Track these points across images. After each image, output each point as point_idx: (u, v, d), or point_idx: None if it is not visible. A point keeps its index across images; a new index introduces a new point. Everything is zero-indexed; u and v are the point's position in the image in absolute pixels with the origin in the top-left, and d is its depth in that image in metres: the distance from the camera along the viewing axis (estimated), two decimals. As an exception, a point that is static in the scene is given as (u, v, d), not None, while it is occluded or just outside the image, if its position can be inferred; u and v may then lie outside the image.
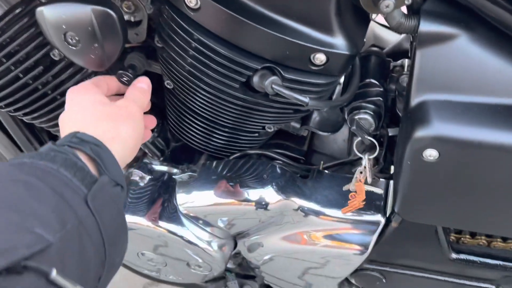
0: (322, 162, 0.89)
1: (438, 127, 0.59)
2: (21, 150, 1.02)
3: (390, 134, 0.80)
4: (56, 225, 0.43)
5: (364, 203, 0.76)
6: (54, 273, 0.39)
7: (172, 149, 0.93)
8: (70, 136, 0.54)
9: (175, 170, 0.91)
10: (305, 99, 0.62)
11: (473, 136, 0.58)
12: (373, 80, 0.75)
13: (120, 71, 0.67)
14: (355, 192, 0.77)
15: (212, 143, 0.84)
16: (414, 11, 0.61)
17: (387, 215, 0.79)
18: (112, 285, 1.62)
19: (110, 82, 0.66)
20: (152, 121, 0.72)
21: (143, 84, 0.67)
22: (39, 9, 0.60)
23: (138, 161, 0.93)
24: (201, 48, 0.63)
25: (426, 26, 0.59)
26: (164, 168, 0.92)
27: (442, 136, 0.59)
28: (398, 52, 0.89)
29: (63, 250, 0.42)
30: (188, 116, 0.79)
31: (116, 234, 0.51)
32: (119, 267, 0.54)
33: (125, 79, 0.67)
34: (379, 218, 0.78)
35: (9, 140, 1.01)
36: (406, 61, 0.79)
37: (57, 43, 0.62)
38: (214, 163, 0.85)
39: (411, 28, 0.60)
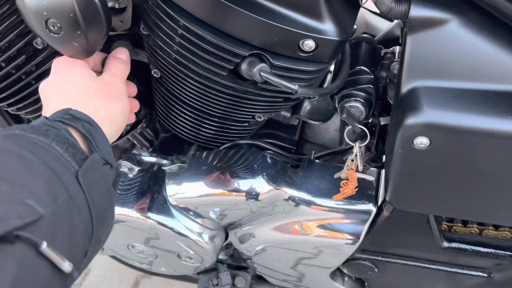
0: (313, 151, 0.88)
1: (429, 114, 0.58)
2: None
3: (382, 123, 0.79)
4: (48, 199, 0.43)
5: (356, 189, 0.76)
6: (44, 245, 0.40)
7: (161, 139, 0.92)
8: (62, 112, 0.54)
9: (164, 161, 0.90)
10: (294, 86, 0.61)
11: (464, 123, 0.57)
12: (363, 68, 0.74)
13: None
14: (347, 179, 0.76)
15: (202, 133, 0.82)
16: (405, -4, 0.60)
17: (379, 204, 0.78)
18: (105, 277, 1.62)
19: (96, 56, 0.66)
20: (136, 105, 0.72)
21: (122, 56, 0.67)
22: (19, -5, 0.58)
23: (126, 152, 0.91)
24: (188, 35, 0.61)
25: (417, 11, 0.58)
26: (153, 159, 0.90)
27: (433, 123, 0.58)
28: (390, 39, 0.87)
29: (54, 223, 0.42)
30: (177, 106, 0.78)
31: (104, 211, 0.51)
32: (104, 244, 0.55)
33: None
34: (371, 207, 0.78)
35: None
36: (397, 48, 0.78)
37: (39, 31, 0.60)
38: (204, 154, 0.84)
39: (401, 13, 0.59)
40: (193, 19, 0.61)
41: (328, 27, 0.60)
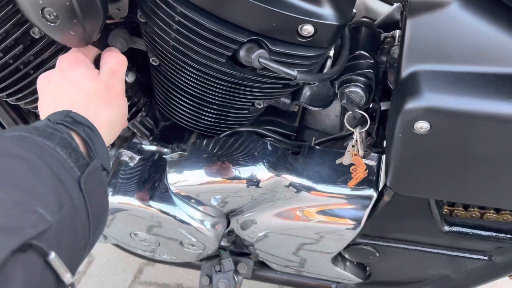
0: (314, 138, 0.88)
1: (429, 98, 0.58)
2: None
3: (382, 108, 0.79)
4: (55, 207, 0.43)
5: (366, 171, 0.76)
6: (52, 255, 0.40)
7: (162, 128, 0.92)
8: (63, 114, 0.54)
9: (165, 150, 0.90)
10: (293, 72, 0.60)
11: (465, 107, 0.57)
12: (363, 52, 0.73)
13: None
14: (354, 165, 0.77)
15: (202, 121, 0.82)
16: (404, -22, 0.59)
17: (379, 189, 0.78)
18: (108, 265, 1.63)
19: (91, 51, 0.67)
20: None
21: (118, 50, 0.67)
22: (14, -16, 0.58)
23: (127, 141, 0.91)
24: (185, 21, 0.61)
25: (417, -6, 0.58)
26: (154, 148, 0.90)
27: (433, 108, 0.58)
28: (390, 24, 0.86)
29: (59, 232, 0.42)
30: (176, 94, 0.78)
31: (101, 217, 0.52)
32: None
33: None
34: (371, 192, 0.78)
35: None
36: (398, 32, 0.77)
37: (35, 20, 0.59)
38: (205, 142, 0.84)
39: (401, -4, 0.59)
40: (190, 6, 0.60)
41: (326, 12, 0.60)
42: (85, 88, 0.59)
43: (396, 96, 0.63)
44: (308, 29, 0.60)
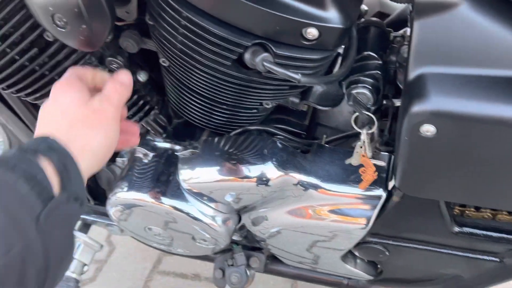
0: (324, 136, 0.88)
1: (436, 102, 0.57)
2: (31, 131, 1.04)
3: (396, 105, 0.78)
4: (2, 249, 0.41)
5: (376, 173, 0.76)
6: None
7: (174, 125, 0.93)
8: (40, 140, 0.53)
9: (177, 147, 0.91)
10: (296, 75, 0.60)
11: (472, 111, 0.56)
12: (371, 53, 0.72)
13: (110, 58, 0.67)
14: (363, 167, 0.76)
15: (212, 120, 0.83)
16: (411, -21, 0.58)
17: (389, 189, 0.78)
18: (129, 254, 1.67)
19: (96, 74, 0.64)
20: (134, 129, 0.69)
21: (124, 78, 0.63)
22: (26, -9, 0.60)
23: (141, 139, 0.93)
24: (190, 26, 0.62)
25: (424, -5, 0.57)
26: (167, 145, 0.92)
27: (440, 111, 0.57)
28: (403, 20, 0.85)
29: (3, 276, 0.41)
30: (186, 93, 0.79)
31: (63, 255, 0.50)
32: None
33: (115, 65, 0.68)
34: (381, 192, 0.78)
35: (19, 121, 1.03)
36: (408, 31, 0.76)
37: (46, 25, 0.62)
38: (216, 140, 0.85)
39: (407, -3, 0.58)
40: (196, 10, 0.61)
41: (331, 15, 0.59)
42: (71, 113, 0.57)
43: (404, 98, 0.63)
44: (312, 33, 0.59)
